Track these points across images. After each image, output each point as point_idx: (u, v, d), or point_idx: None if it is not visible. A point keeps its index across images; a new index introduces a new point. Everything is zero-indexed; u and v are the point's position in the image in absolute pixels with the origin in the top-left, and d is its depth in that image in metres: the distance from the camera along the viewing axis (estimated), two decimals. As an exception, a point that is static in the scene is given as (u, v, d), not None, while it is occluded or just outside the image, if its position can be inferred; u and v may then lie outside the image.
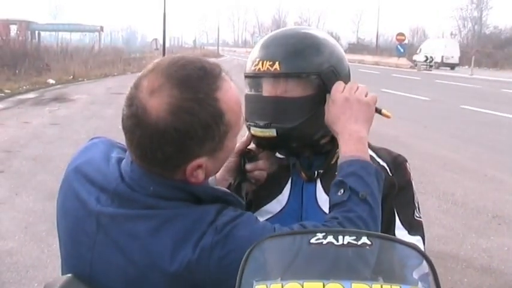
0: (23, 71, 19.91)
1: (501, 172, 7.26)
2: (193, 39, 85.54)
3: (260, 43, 1.27)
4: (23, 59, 21.00)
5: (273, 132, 1.21)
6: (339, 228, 0.97)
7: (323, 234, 0.89)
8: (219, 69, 1.03)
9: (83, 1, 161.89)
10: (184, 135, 0.97)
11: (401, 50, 39.49)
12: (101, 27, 48.88)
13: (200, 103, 0.98)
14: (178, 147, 0.98)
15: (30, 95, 16.01)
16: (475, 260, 4.39)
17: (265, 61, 1.21)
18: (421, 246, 1.21)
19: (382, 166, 1.26)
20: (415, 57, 40.35)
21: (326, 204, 1.22)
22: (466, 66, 39.80)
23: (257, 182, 1.27)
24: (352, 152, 1.12)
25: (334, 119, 1.17)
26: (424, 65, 35.13)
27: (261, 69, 1.21)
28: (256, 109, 1.22)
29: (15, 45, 22.90)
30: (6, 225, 4.94)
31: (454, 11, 72.71)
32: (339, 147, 1.17)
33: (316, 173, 1.28)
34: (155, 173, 1.02)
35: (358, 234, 0.89)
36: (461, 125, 11.35)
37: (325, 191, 1.26)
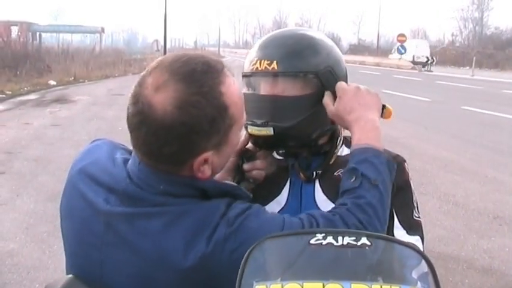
0: (24, 73, 19.91)
1: (502, 173, 7.26)
2: (194, 40, 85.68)
3: (258, 44, 1.27)
4: (24, 61, 21.02)
5: (270, 130, 1.21)
6: (338, 229, 0.98)
7: (323, 234, 0.89)
8: (222, 65, 1.04)
9: (84, 2, 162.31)
10: (190, 129, 0.98)
11: (402, 50, 39.66)
12: (102, 29, 48.93)
13: (205, 96, 0.98)
14: (184, 141, 0.98)
15: (31, 96, 16.02)
16: (476, 261, 4.39)
17: (263, 60, 1.21)
18: (420, 246, 1.21)
19: None
20: (390, 56, 43.95)
21: (325, 204, 1.23)
22: (467, 67, 39.83)
23: (255, 181, 1.27)
24: (366, 139, 1.13)
25: (348, 108, 1.18)
26: (424, 65, 35.69)
27: (259, 69, 1.22)
28: (253, 108, 1.22)
29: (16, 46, 22.95)
30: (7, 227, 4.94)
31: (454, 12, 72.74)
32: (352, 135, 1.17)
33: (314, 173, 1.28)
34: (162, 170, 1.02)
35: (358, 235, 0.89)
36: (462, 126, 11.34)
37: (323, 192, 1.27)
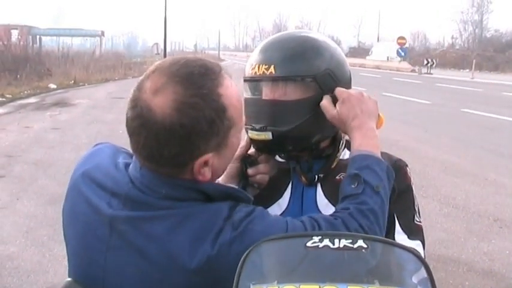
0: (24, 76, 19.93)
1: (502, 176, 7.25)
2: (194, 43, 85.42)
3: (259, 47, 1.27)
4: (24, 64, 21.04)
5: (268, 135, 1.21)
6: (334, 232, 0.98)
7: (319, 237, 0.89)
8: (219, 68, 1.05)
9: (84, 6, 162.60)
10: (190, 131, 0.98)
11: (402, 53, 39.68)
12: (102, 32, 49.05)
13: (204, 98, 0.99)
14: (184, 143, 0.99)
15: (32, 100, 16.04)
16: (476, 263, 4.38)
17: (262, 65, 1.21)
18: (421, 250, 1.21)
19: None
20: (368, 57, 46.19)
21: (326, 208, 1.23)
22: (467, 70, 39.82)
23: (260, 185, 1.27)
24: (368, 147, 1.15)
25: (352, 114, 1.18)
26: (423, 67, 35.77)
27: (257, 73, 1.22)
28: (253, 112, 1.22)
29: (16, 50, 22.94)
30: (8, 230, 4.94)
31: (454, 15, 72.63)
32: (352, 140, 1.18)
33: (316, 177, 1.28)
34: (164, 174, 1.02)
35: (354, 237, 0.89)
36: (462, 129, 11.33)
37: (325, 195, 1.27)
